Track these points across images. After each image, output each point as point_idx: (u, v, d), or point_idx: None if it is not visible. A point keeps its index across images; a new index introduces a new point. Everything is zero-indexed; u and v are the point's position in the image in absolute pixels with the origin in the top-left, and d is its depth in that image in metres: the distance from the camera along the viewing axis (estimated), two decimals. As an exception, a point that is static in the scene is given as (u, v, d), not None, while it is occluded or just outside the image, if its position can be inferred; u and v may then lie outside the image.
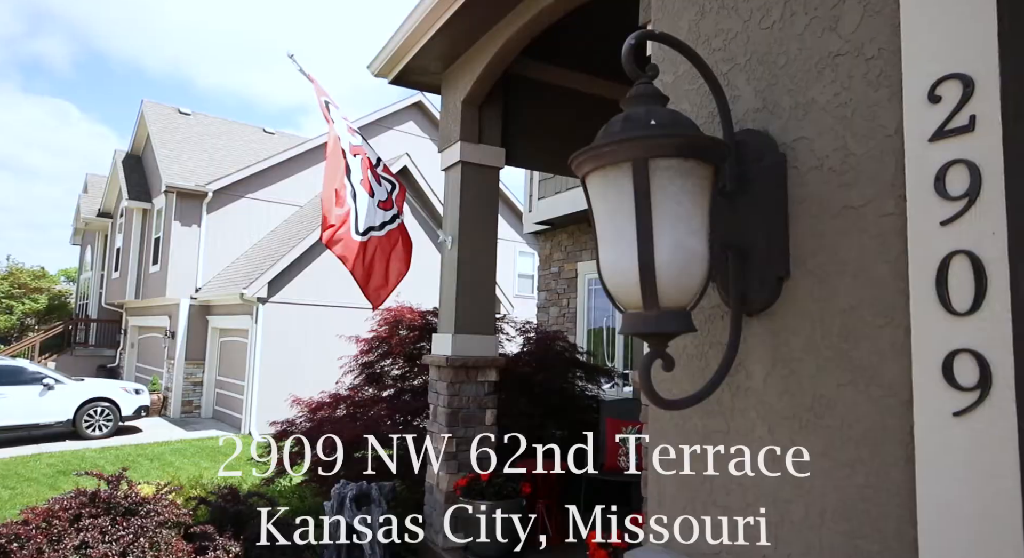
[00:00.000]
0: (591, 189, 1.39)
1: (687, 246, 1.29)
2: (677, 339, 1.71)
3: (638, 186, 1.27)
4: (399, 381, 6.84)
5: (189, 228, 15.53)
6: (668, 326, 1.30)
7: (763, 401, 1.46)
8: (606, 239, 1.36)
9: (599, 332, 8.57)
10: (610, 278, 1.35)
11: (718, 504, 1.55)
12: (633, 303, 1.32)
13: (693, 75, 1.72)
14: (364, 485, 4.85)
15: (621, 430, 5.47)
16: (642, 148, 1.26)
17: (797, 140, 1.41)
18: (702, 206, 1.33)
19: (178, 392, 14.90)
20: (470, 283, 5.02)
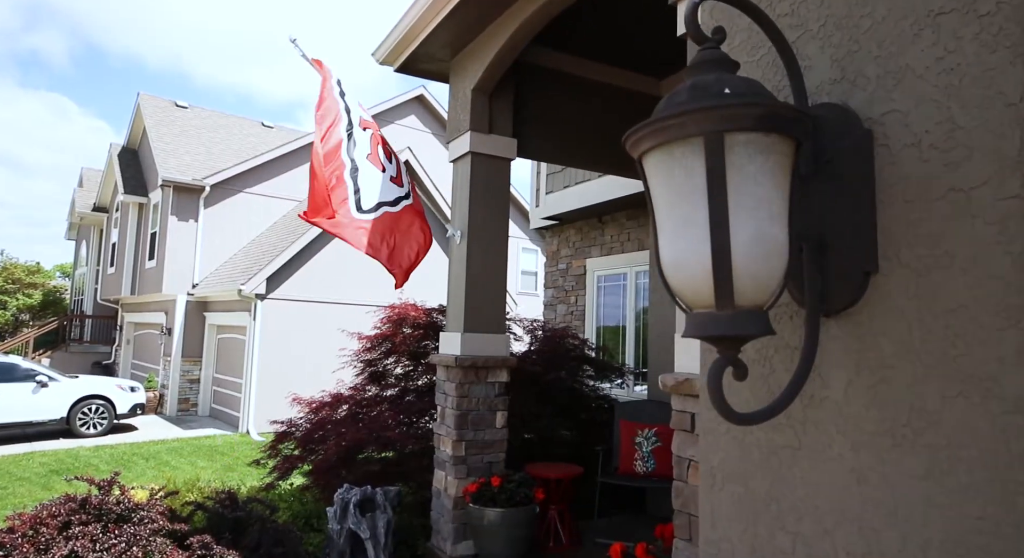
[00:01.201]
0: (650, 171, 1.20)
1: (768, 235, 1.10)
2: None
3: (711, 165, 1.07)
4: (402, 380, 6.65)
5: (186, 223, 15.31)
6: (745, 328, 1.11)
7: (844, 413, 1.27)
8: (669, 228, 1.16)
9: (609, 330, 8.38)
10: (673, 273, 1.16)
11: (787, 530, 1.37)
12: (702, 301, 1.13)
13: (752, 45, 1.54)
14: (368, 490, 4.66)
15: (636, 433, 5.29)
16: (716, 120, 1.07)
17: (887, 114, 1.23)
18: (782, 188, 1.14)
19: (174, 390, 14.69)
20: (480, 279, 4.83)
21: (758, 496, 1.45)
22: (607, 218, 8.69)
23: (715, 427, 1.56)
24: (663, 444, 5.21)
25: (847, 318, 1.28)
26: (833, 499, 1.28)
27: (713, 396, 1.14)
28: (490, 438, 4.79)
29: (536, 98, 5.30)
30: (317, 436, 5.80)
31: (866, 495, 1.22)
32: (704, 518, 1.59)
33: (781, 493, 1.40)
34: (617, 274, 8.52)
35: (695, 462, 2.72)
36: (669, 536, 3.50)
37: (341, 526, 4.56)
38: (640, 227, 8.09)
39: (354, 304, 13.81)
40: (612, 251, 8.58)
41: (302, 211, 13.57)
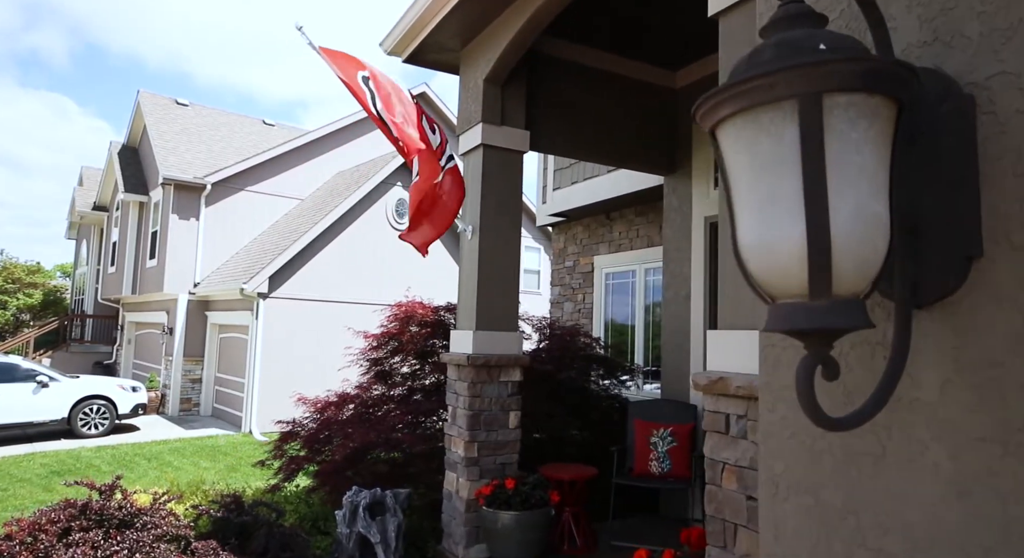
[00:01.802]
0: (727, 142, 1.05)
1: (871, 211, 0.96)
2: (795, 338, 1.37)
3: (807, 131, 0.93)
4: (409, 379, 6.51)
5: (187, 221, 15.17)
6: (842, 320, 0.97)
7: (940, 417, 1.13)
8: (750, 206, 1.02)
9: (617, 328, 8.23)
10: (755, 257, 1.02)
11: (869, 547, 1.22)
12: (791, 290, 0.99)
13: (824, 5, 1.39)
14: (378, 493, 4.52)
15: (651, 433, 5.14)
16: (813, 79, 0.92)
17: (992, 77, 1.09)
18: (884, 159, 0.99)
19: (176, 390, 14.56)
20: (492, 276, 4.68)
21: (832, 508, 1.31)
22: (615, 215, 8.53)
23: (778, 431, 1.42)
24: (679, 444, 5.07)
25: (943, 310, 1.14)
26: (927, 514, 1.14)
27: (804, 399, 0.99)
28: (503, 439, 4.65)
29: (548, 90, 5.16)
30: (323, 436, 5.66)
31: (969, 511, 1.08)
32: (766, 531, 1.44)
33: (860, 506, 1.25)
34: (626, 271, 8.37)
35: (730, 465, 2.58)
36: (696, 542, 3.37)
37: (350, 530, 4.42)
38: (650, 224, 7.94)
39: (358, 303, 13.68)
40: (620, 248, 8.42)
41: (306, 211, 13.33)
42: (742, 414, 2.54)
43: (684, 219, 5.78)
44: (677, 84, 5.96)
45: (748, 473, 2.49)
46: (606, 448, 5.67)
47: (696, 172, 5.71)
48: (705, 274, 5.48)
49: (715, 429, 2.66)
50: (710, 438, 2.68)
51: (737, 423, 2.56)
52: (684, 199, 5.81)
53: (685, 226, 5.75)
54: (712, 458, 2.65)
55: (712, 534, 2.63)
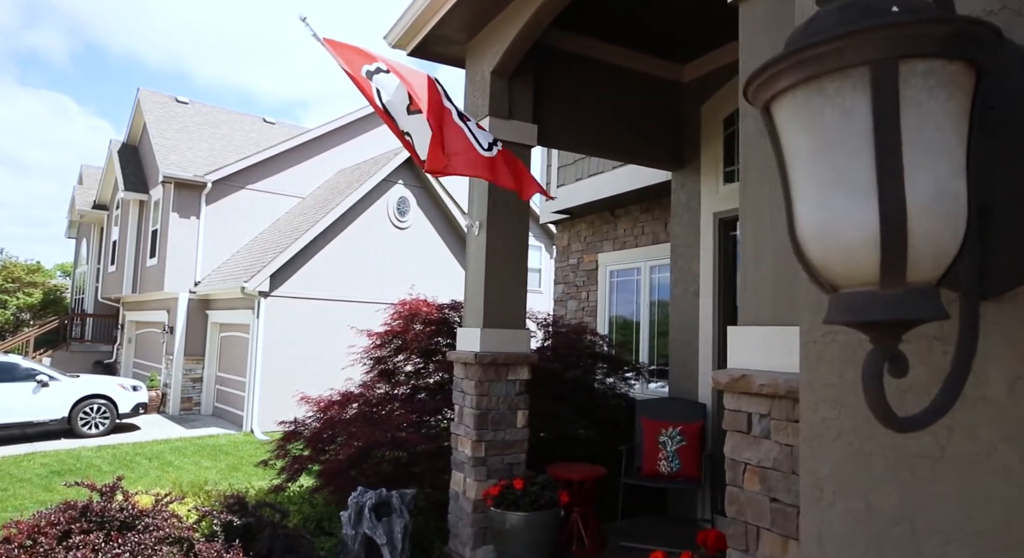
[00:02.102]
0: (785, 116, 0.96)
1: (950, 192, 0.87)
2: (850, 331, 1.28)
3: (881, 102, 0.84)
4: (413, 378, 6.43)
5: (187, 220, 15.08)
6: (916, 310, 0.88)
7: (1009, 416, 1.05)
8: (812, 187, 0.93)
9: (621, 326, 8.15)
10: (817, 242, 0.93)
11: (926, 555, 1.14)
12: (859, 277, 0.90)
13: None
14: (384, 493, 4.44)
15: (660, 432, 5.06)
16: (889, 43, 0.83)
17: (1069, 48, 1.01)
18: (962, 133, 0.91)
19: (177, 389, 14.48)
20: (500, 272, 4.60)
21: (883, 514, 1.22)
22: (620, 211, 8.44)
23: (822, 432, 1.33)
24: (688, 443, 4.98)
25: (1013, 301, 1.06)
26: (996, 521, 1.05)
27: (872, 397, 0.91)
28: (510, 438, 4.57)
29: (555, 83, 5.07)
30: (326, 436, 5.58)
31: (1045, 517, 1.00)
32: (809, 538, 1.36)
33: (917, 512, 1.17)
34: (630, 269, 8.28)
35: (752, 466, 2.49)
36: (713, 544, 3.28)
37: (356, 531, 4.33)
38: (655, 220, 7.85)
39: (360, 301, 13.59)
40: (625, 245, 8.33)
41: (307, 209, 13.22)
42: (765, 413, 2.45)
43: (692, 215, 5.69)
44: (685, 78, 5.87)
45: (772, 474, 2.40)
46: (613, 447, 5.59)
47: (705, 168, 5.63)
48: (715, 271, 5.40)
49: (736, 428, 2.57)
50: (731, 438, 2.59)
51: (760, 422, 2.47)
52: (692, 195, 5.73)
53: (694, 223, 5.67)
54: (733, 458, 2.57)
55: (733, 537, 2.55)
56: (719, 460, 5.22)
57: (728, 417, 2.61)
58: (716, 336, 5.32)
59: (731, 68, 5.42)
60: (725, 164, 5.47)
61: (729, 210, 5.34)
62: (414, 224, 15.08)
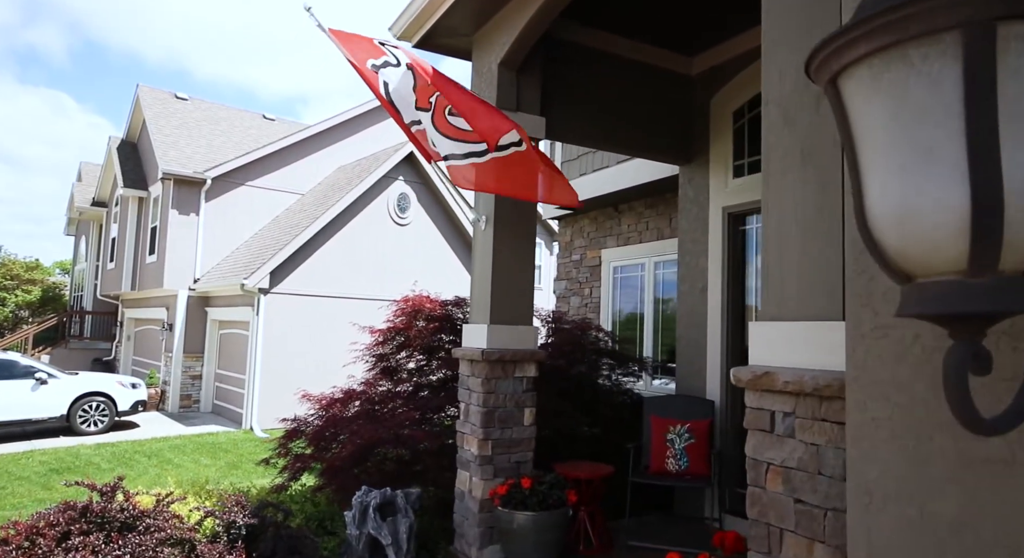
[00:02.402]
0: (857, 89, 0.88)
1: (1049, 169, 0.79)
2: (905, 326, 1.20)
3: (976, 69, 0.76)
4: (416, 375, 6.35)
5: (187, 217, 14.98)
6: (1008, 301, 0.80)
7: (1090, 418, 0.97)
8: (889, 164, 0.85)
9: (625, 323, 8.07)
10: (895, 225, 0.84)
11: (993, 567, 1.06)
12: (942, 264, 0.82)
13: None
14: (388, 492, 4.36)
15: (668, 429, 4.98)
16: (986, 3, 0.75)
17: None
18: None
19: (176, 386, 14.39)
20: (507, 267, 4.51)
21: (942, 521, 1.14)
22: (624, 207, 8.36)
23: (871, 433, 1.25)
24: (696, 441, 4.91)
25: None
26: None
27: (955, 396, 0.82)
28: (517, 436, 4.49)
29: (562, 75, 4.98)
30: (328, 434, 5.50)
31: None
32: (857, 546, 1.28)
33: (981, 520, 1.09)
34: (634, 264, 8.20)
35: (775, 466, 2.41)
36: (731, 546, 3.21)
37: (360, 531, 4.25)
38: (659, 216, 7.76)
39: (361, 298, 13.51)
40: (629, 241, 8.25)
41: (307, 205, 13.07)
42: (790, 411, 2.37)
43: (701, 210, 5.61)
44: (693, 71, 5.79)
45: (796, 474, 2.32)
46: (618, 445, 5.52)
47: (714, 162, 5.54)
48: (723, 266, 5.32)
49: (758, 427, 2.49)
50: (752, 437, 2.51)
51: (784, 421, 2.39)
52: (701, 190, 5.64)
53: (702, 217, 5.58)
54: (755, 458, 2.49)
55: (755, 539, 2.47)
56: (727, 458, 5.15)
57: (750, 415, 2.53)
58: (725, 332, 5.25)
59: (741, 60, 5.34)
60: (735, 158, 5.38)
61: (739, 205, 5.26)
62: (415, 221, 14.99)
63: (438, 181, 15.05)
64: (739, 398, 5.21)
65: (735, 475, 5.16)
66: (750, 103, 5.33)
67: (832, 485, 2.20)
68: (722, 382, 5.21)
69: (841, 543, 2.15)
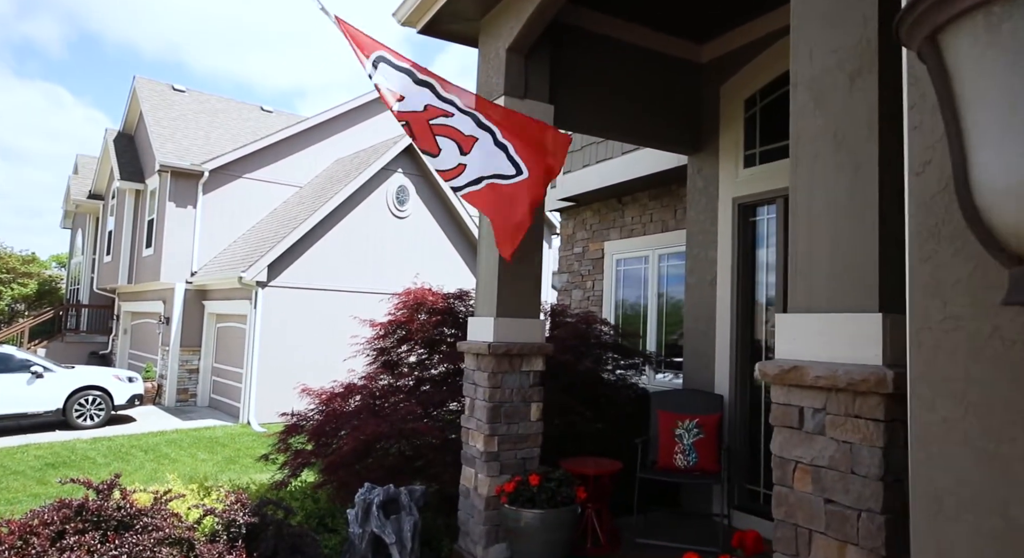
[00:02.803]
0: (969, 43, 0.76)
1: None
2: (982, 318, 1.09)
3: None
4: (417, 369, 6.23)
5: (184, 209, 14.83)
6: None
7: None
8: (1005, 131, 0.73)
9: (628, 316, 7.96)
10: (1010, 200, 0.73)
11: (1090, 582, 0.96)
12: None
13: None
14: (392, 490, 4.25)
15: (676, 424, 4.88)
16: None
17: None
18: None
19: (173, 380, 14.26)
20: (514, 259, 4.39)
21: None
22: (627, 199, 8.25)
23: (941, 434, 1.14)
24: (705, 436, 4.80)
25: None
26: None
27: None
28: (524, 432, 4.38)
29: (572, 62, 4.85)
30: (329, 429, 5.38)
31: None
32: (923, 555, 1.17)
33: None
34: (638, 257, 8.09)
35: (803, 465, 2.30)
36: (751, 546, 3.11)
37: (363, 529, 4.14)
38: (664, 208, 7.65)
39: (360, 292, 13.39)
40: (633, 233, 8.14)
41: (305, 198, 12.96)
42: (819, 407, 2.26)
43: (710, 201, 5.49)
44: (703, 58, 5.66)
45: (827, 473, 2.22)
46: (625, 440, 5.42)
47: (724, 151, 5.42)
48: (733, 258, 5.20)
49: (785, 424, 2.38)
50: (779, 434, 2.40)
51: (814, 417, 2.28)
52: (710, 180, 5.52)
53: (711, 208, 5.47)
54: (781, 456, 2.38)
55: (780, 540, 2.36)
56: (737, 453, 5.04)
57: (776, 411, 2.42)
58: (735, 325, 5.14)
59: (753, 47, 5.21)
60: (746, 147, 5.26)
61: (749, 195, 5.14)
62: (414, 213, 14.85)
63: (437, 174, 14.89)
64: (749, 392, 5.11)
65: (745, 471, 5.06)
66: (762, 91, 5.21)
67: (867, 485, 2.09)
68: (731, 376, 5.10)
69: (876, 546, 2.05)
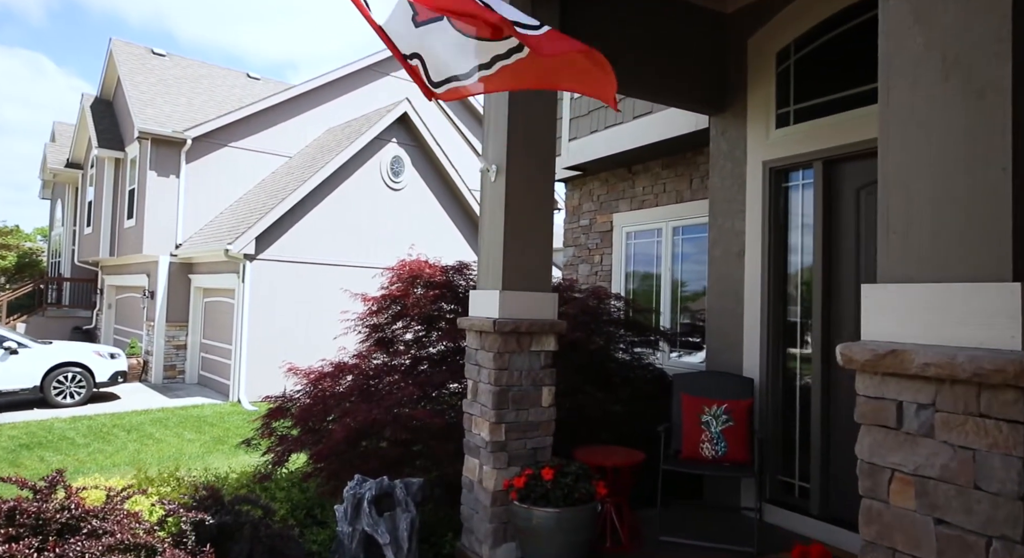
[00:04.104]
0: None
1: None
2: None
3: None
4: (413, 347, 5.74)
5: (167, 179, 14.19)
6: None
7: None
8: None
9: (640, 292, 7.49)
10: None
11: None
12: None
13: None
14: (385, 483, 3.79)
15: (703, 410, 4.42)
16: None
17: None
18: None
19: (159, 356, 13.75)
20: (522, 224, 3.89)
21: None
22: (638, 168, 7.73)
23: None
24: (735, 423, 4.35)
25: None
26: None
27: None
28: (535, 419, 3.91)
29: (584, 10, 4.30)
30: (317, 412, 4.91)
31: None
32: None
33: None
34: (650, 230, 7.59)
35: (903, 474, 1.83)
36: None
37: (353, 527, 3.69)
38: (678, 177, 7.14)
39: (353, 266, 12.88)
40: (644, 204, 7.63)
41: (294, 168, 12.14)
42: (927, 402, 1.78)
43: (737, 165, 4.98)
44: (729, 8, 5.11)
45: (937, 487, 1.74)
46: (642, 425, 4.98)
47: (752, 110, 4.90)
48: (764, 229, 4.71)
49: (878, 422, 1.90)
50: (868, 434, 1.92)
51: (918, 415, 1.81)
52: (736, 143, 5.01)
53: (738, 173, 4.96)
54: (872, 463, 1.90)
55: (869, 566, 1.90)
56: (768, 442, 4.60)
57: (865, 406, 1.94)
58: (766, 302, 4.66)
59: (788, -9, 4.66)
60: (778, 105, 4.73)
61: (783, 158, 4.63)
62: (409, 185, 14.27)
63: (434, 144, 14.30)
64: (782, 375, 4.65)
65: (777, 461, 4.62)
66: (797, 42, 4.67)
67: (999, 505, 1.62)
68: (762, 357, 4.64)
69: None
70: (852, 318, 4.22)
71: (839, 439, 4.23)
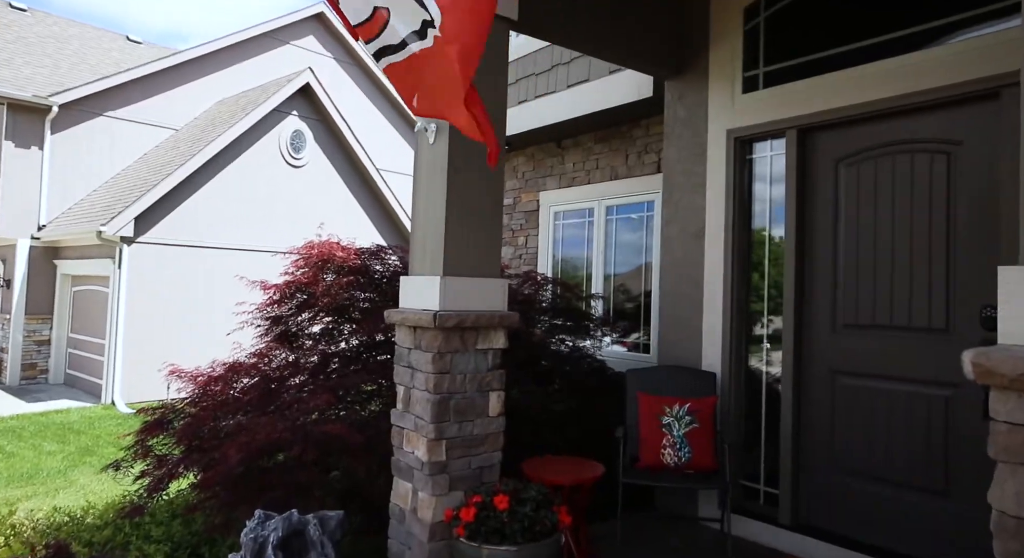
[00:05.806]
0: None
1: None
2: None
3: None
4: (322, 341, 4.92)
5: (27, 150, 12.36)
6: None
7: None
8: None
9: (569, 277, 6.94)
10: None
11: None
12: None
13: None
14: (295, 518, 3.00)
15: (663, 410, 3.89)
16: None
17: None
18: None
19: (16, 354, 12.00)
20: (468, 196, 3.18)
21: None
22: (568, 142, 7.16)
23: None
24: (700, 425, 3.85)
25: None
26: None
27: None
28: (480, 432, 3.23)
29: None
30: (207, 424, 4.02)
31: None
32: None
33: None
34: (580, 209, 7.06)
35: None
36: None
37: (254, 579, 2.88)
38: (613, 151, 6.62)
39: (248, 249, 11.68)
40: (575, 182, 7.08)
41: (181, 142, 10.67)
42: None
43: (696, 134, 4.46)
44: (686, -42, 4.56)
45: None
46: (589, 424, 4.43)
47: (715, 73, 4.38)
48: (728, 204, 4.21)
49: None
50: (1015, 477, 1.37)
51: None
52: (696, 109, 4.49)
53: (698, 143, 4.44)
54: (1022, 518, 1.35)
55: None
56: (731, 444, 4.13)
57: (1007, 436, 1.38)
58: (730, 288, 4.17)
59: (757, -61, 4.16)
60: (745, 67, 4.23)
61: (750, 127, 4.14)
62: (312, 162, 13.14)
63: (338, 117, 13.21)
64: (748, 369, 4.19)
65: (739, 463, 4.16)
66: (766, -3, 4.18)
67: None
68: (725, 349, 4.15)
69: None
70: (828, 307, 3.80)
71: (813, 440, 3.81)
